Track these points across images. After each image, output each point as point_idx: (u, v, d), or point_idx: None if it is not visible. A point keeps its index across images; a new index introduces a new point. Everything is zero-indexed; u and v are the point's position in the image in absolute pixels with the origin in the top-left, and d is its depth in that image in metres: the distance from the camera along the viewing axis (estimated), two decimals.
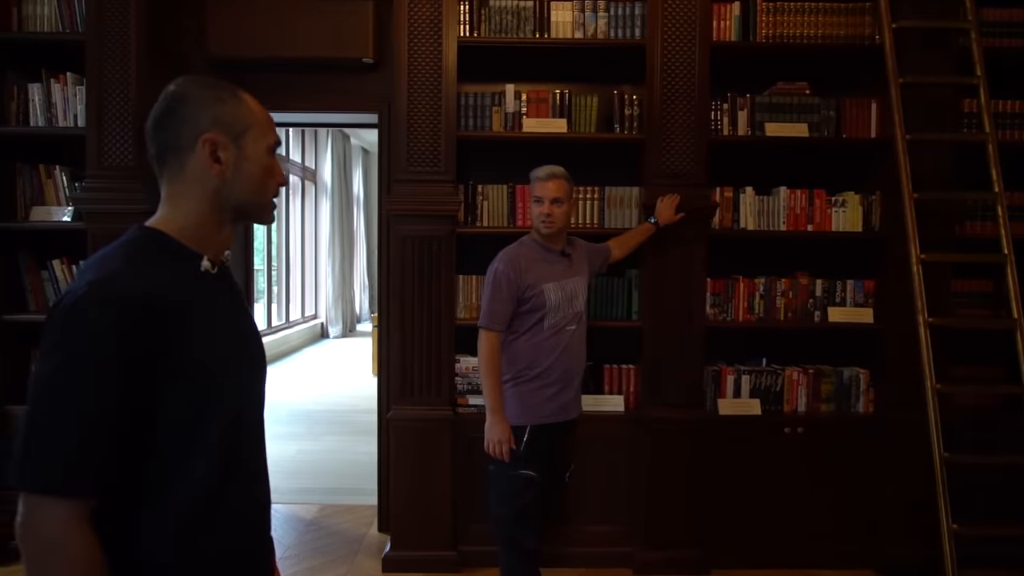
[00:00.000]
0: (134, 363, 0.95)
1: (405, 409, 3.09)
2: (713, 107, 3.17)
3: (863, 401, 3.23)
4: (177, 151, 1.07)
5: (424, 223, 3.05)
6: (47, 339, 0.95)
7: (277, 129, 1.20)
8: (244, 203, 1.12)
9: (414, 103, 3.05)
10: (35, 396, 0.93)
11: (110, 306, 0.94)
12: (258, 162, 1.11)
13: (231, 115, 1.09)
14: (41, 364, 0.94)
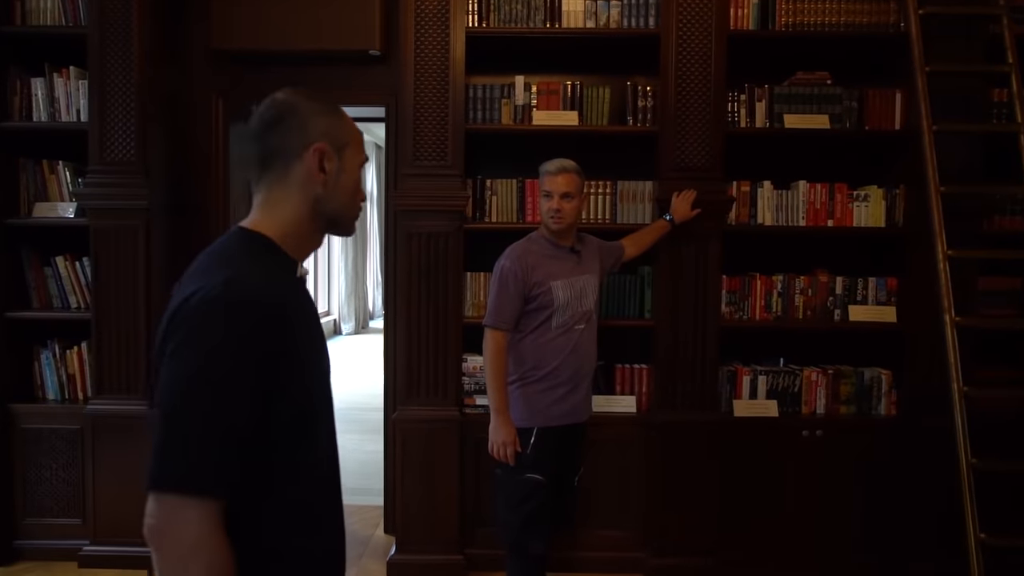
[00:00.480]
0: (262, 363, 0.96)
1: (411, 410, 3.01)
2: (730, 98, 3.06)
3: (885, 403, 3.12)
4: (286, 157, 1.10)
5: (431, 218, 2.97)
6: (180, 336, 0.95)
7: None
8: (337, 213, 1.15)
9: (421, 95, 2.97)
10: (174, 396, 0.93)
11: (247, 305, 0.96)
12: (353, 175, 1.15)
13: (337, 128, 1.13)
14: (177, 363, 0.94)
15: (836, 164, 3.20)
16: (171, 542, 0.91)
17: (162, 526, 0.91)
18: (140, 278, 3.03)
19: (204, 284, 0.96)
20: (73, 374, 3.20)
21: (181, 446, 0.91)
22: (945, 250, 2.60)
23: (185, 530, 0.90)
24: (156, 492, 0.91)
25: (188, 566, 0.90)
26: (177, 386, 0.93)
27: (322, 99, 1.15)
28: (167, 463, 0.91)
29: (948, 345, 2.54)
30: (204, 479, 0.91)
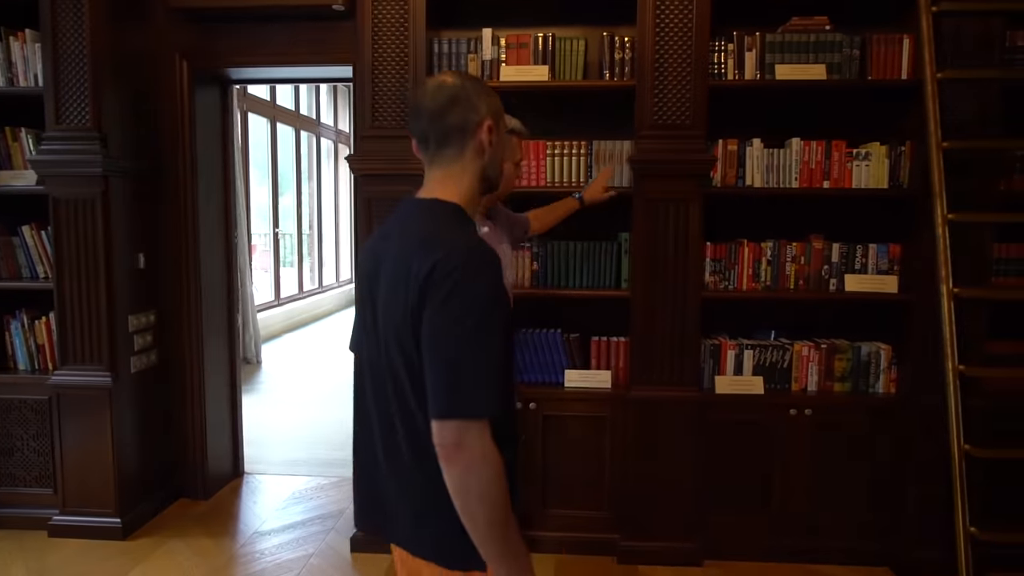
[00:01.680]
0: (505, 307, 1.16)
1: None
2: (716, 47, 2.80)
3: (883, 381, 2.87)
4: (462, 134, 1.25)
5: (392, 183, 2.81)
6: (445, 293, 1.11)
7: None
8: (495, 176, 1.32)
9: (380, 51, 2.79)
10: (453, 339, 1.11)
11: (492, 262, 1.15)
12: (503, 142, 1.32)
13: (496, 105, 1.29)
14: (450, 313, 1.11)
15: (834, 119, 2.92)
16: (467, 455, 1.10)
17: (457, 444, 1.10)
18: (100, 246, 2.96)
19: (449, 249, 1.14)
20: (42, 344, 3.17)
21: (469, 380, 1.10)
22: (945, 213, 2.33)
23: (477, 445, 1.10)
24: (451, 419, 1.10)
25: (482, 470, 1.10)
26: (456, 331, 1.11)
27: (478, 79, 1.31)
28: (458, 396, 1.10)
29: (944, 319, 2.29)
30: (488, 405, 1.11)
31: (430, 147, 1.26)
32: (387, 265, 1.21)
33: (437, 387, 1.11)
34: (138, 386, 3.18)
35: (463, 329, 1.11)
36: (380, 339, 1.23)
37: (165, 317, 3.36)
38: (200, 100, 3.36)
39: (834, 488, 2.83)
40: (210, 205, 3.47)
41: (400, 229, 1.23)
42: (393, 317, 1.18)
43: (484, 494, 1.11)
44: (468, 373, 1.11)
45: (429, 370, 1.12)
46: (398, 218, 1.27)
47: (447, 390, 1.10)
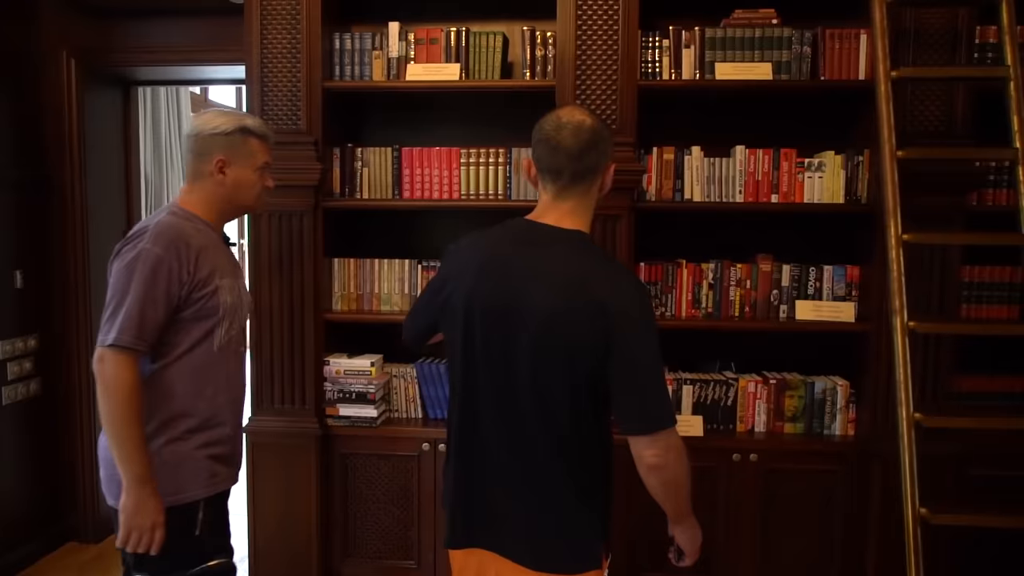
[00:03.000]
0: None
1: (264, 420, 2.56)
2: (649, 43, 2.48)
3: (840, 421, 2.52)
4: (595, 174, 1.41)
5: (281, 195, 2.48)
6: (639, 322, 1.31)
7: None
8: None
9: (270, 47, 2.48)
10: (651, 362, 1.32)
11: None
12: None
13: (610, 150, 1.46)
14: (645, 339, 1.31)
15: (783, 125, 2.60)
16: (674, 456, 1.33)
17: (669, 447, 1.32)
18: None
19: (625, 285, 1.35)
20: None
21: (664, 395, 1.33)
22: (899, 233, 2.00)
23: (680, 443, 1.34)
24: (662, 430, 1.31)
25: (686, 461, 1.36)
26: (650, 356, 1.31)
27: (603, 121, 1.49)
28: (661, 410, 1.32)
29: (898, 357, 1.95)
30: (673, 413, 1.34)
31: (562, 180, 1.40)
32: (536, 286, 1.33)
33: (643, 405, 1.31)
34: (16, 419, 2.86)
35: (654, 353, 1.31)
36: (520, 355, 1.34)
37: (50, 342, 3.03)
38: (95, 103, 3.05)
39: (782, 545, 2.48)
40: (107, 218, 3.15)
41: (545, 255, 1.36)
42: (561, 340, 1.31)
43: (688, 479, 1.40)
44: (662, 389, 1.33)
45: (631, 391, 1.31)
46: (522, 240, 1.40)
47: (656, 405, 1.31)
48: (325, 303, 2.59)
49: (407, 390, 2.67)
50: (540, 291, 1.32)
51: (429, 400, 2.66)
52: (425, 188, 2.59)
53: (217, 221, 1.77)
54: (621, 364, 1.29)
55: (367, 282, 2.64)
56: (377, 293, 2.64)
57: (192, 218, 1.70)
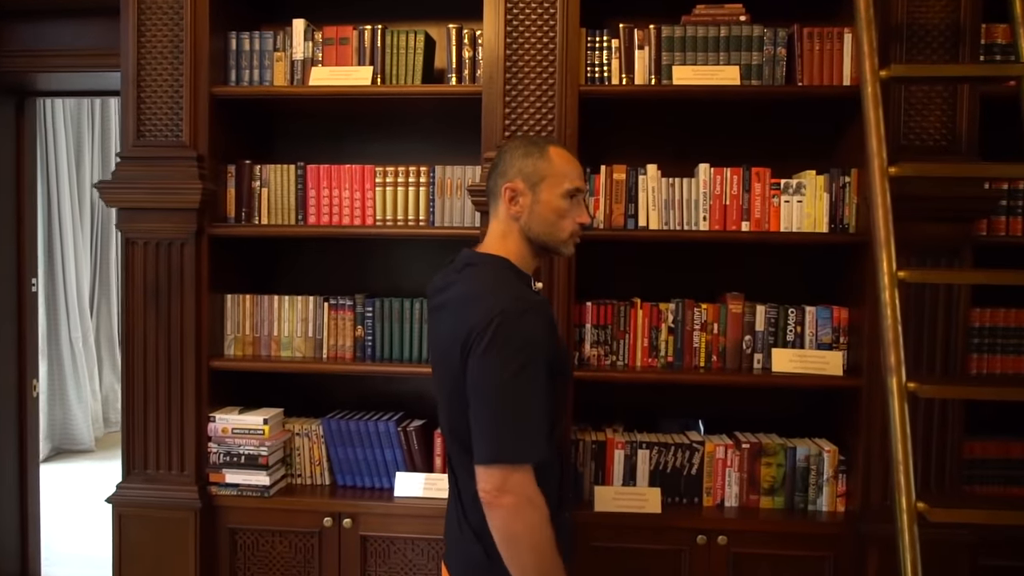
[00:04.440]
0: (546, 358, 1.27)
1: (133, 489, 2.14)
2: (596, 44, 2.11)
3: (828, 495, 2.09)
4: (495, 197, 1.43)
5: (158, 220, 2.10)
6: (485, 344, 1.21)
7: None
8: (539, 236, 1.40)
9: (148, 46, 2.11)
10: (499, 393, 1.21)
11: (531, 310, 1.27)
12: (550, 204, 1.38)
13: (534, 168, 1.39)
14: (494, 370, 1.21)
15: (755, 140, 2.22)
16: (511, 497, 1.20)
17: (500, 488, 1.20)
18: None
19: (493, 301, 1.27)
20: None
21: (517, 429, 1.23)
22: (893, 269, 1.58)
23: (521, 487, 1.21)
24: (495, 465, 1.21)
25: (525, 509, 1.20)
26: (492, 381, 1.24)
27: (529, 141, 1.43)
28: (501, 442, 1.22)
29: (894, 428, 1.52)
30: (530, 451, 1.23)
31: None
32: (444, 315, 1.35)
33: (480, 434, 1.22)
34: None
35: (500, 382, 1.21)
36: (440, 390, 1.36)
37: None
38: None
39: None
40: None
41: (455, 282, 1.36)
42: (450, 369, 1.28)
43: (533, 542, 1.20)
44: (518, 420, 1.21)
45: (473, 418, 1.24)
46: (454, 268, 1.40)
47: (490, 437, 1.21)
48: (215, 348, 2.18)
49: (312, 451, 2.25)
50: (442, 320, 1.36)
51: (338, 463, 2.23)
52: (334, 213, 2.20)
53: None
54: (468, 389, 1.25)
55: (265, 323, 2.23)
56: (276, 336, 2.23)
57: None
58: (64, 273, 4.95)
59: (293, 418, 2.29)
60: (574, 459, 2.10)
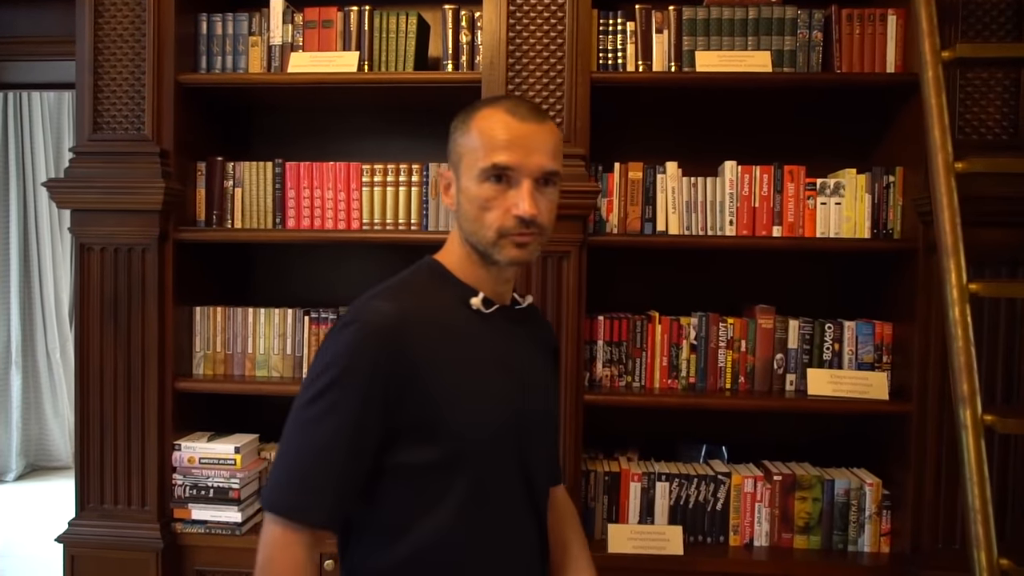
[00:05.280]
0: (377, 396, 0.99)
1: (87, 526, 1.89)
2: (610, 27, 1.88)
3: (870, 534, 1.85)
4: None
5: (116, 223, 1.86)
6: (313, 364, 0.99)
7: None
8: (472, 238, 1.05)
9: (106, 28, 1.88)
10: (289, 423, 0.98)
11: (358, 320, 1.00)
12: (469, 192, 1.03)
13: (460, 145, 1.06)
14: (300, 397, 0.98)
15: (787, 135, 1.99)
16: (260, 556, 0.96)
17: (265, 543, 0.97)
18: None
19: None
20: None
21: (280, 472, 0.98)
22: (964, 281, 1.35)
23: (267, 546, 0.96)
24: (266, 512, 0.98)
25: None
26: (291, 417, 0.99)
27: (470, 106, 1.08)
28: (268, 482, 0.99)
29: (969, 466, 1.29)
30: (290, 504, 0.97)
31: None
32: None
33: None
34: None
35: (294, 419, 0.97)
36: None
37: None
38: None
39: None
40: None
41: None
42: None
43: None
44: (282, 466, 0.97)
45: None
46: None
47: (268, 479, 0.99)
48: (181, 367, 1.95)
49: None
50: None
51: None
52: (315, 216, 1.97)
53: None
54: None
55: (239, 339, 2.00)
56: (251, 353, 1.99)
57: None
58: (41, 281, 4.71)
59: (270, 444, 2.05)
60: (584, 492, 1.86)
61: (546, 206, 1.03)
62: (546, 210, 1.03)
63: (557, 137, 1.06)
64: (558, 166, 1.05)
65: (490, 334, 1.06)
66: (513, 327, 1.11)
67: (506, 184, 1.00)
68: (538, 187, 1.02)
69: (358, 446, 0.95)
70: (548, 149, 1.02)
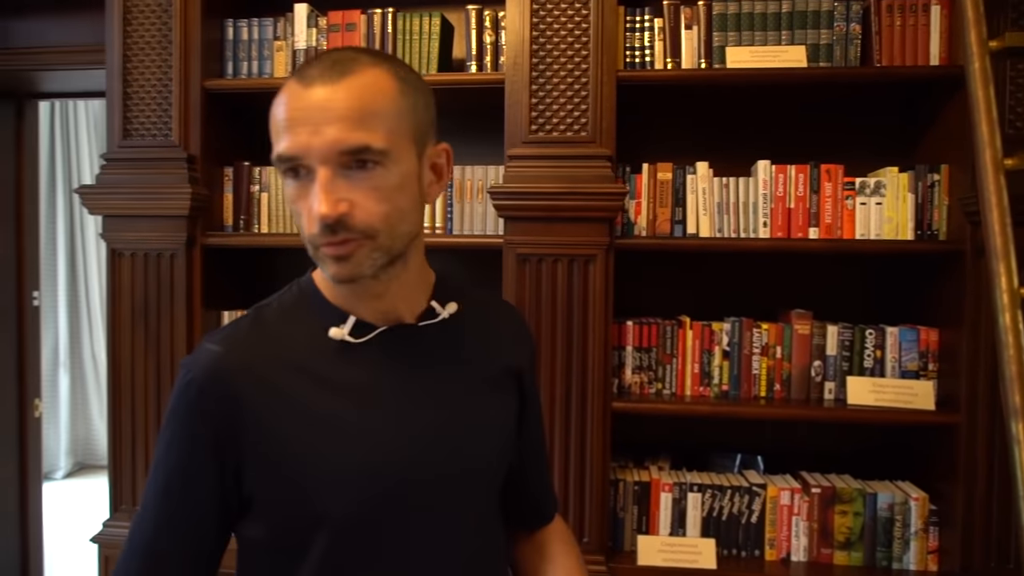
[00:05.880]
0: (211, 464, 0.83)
1: (121, 528, 1.91)
2: (637, 24, 1.83)
3: (917, 551, 1.76)
4: None
5: (146, 228, 1.88)
6: None
7: None
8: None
9: (135, 36, 1.90)
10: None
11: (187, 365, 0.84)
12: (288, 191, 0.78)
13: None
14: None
15: (824, 133, 1.91)
16: None
17: None
18: None
19: None
20: None
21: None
22: (1015, 286, 1.27)
23: None
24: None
25: None
26: None
27: None
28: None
29: (1021, 483, 1.21)
30: None
31: None
32: None
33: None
34: None
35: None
36: None
37: None
38: None
39: None
40: None
41: None
42: None
43: None
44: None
45: None
46: None
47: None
48: None
49: None
50: None
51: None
52: None
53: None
54: None
55: None
56: None
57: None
58: (87, 285, 4.85)
59: None
60: (613, 502, 1.81)
61: (365, 197, 0.73)
62: (366, 203, 0.73)
63: (368, 95, 0.74)
64: (372, 138, 0.73)
65: (366, 371, 0.80)
66: (414, 351, 0.84)
67: (307, 178, 0.74)
68: (344, 173, 0.73)
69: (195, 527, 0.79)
70: (348, 116, 0.72)
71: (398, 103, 0.76)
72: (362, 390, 0.80)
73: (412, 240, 0.82)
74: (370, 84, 0.74)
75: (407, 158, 0.77)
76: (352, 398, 0.79)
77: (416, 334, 0.85)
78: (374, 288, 0.81)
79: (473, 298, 0.93)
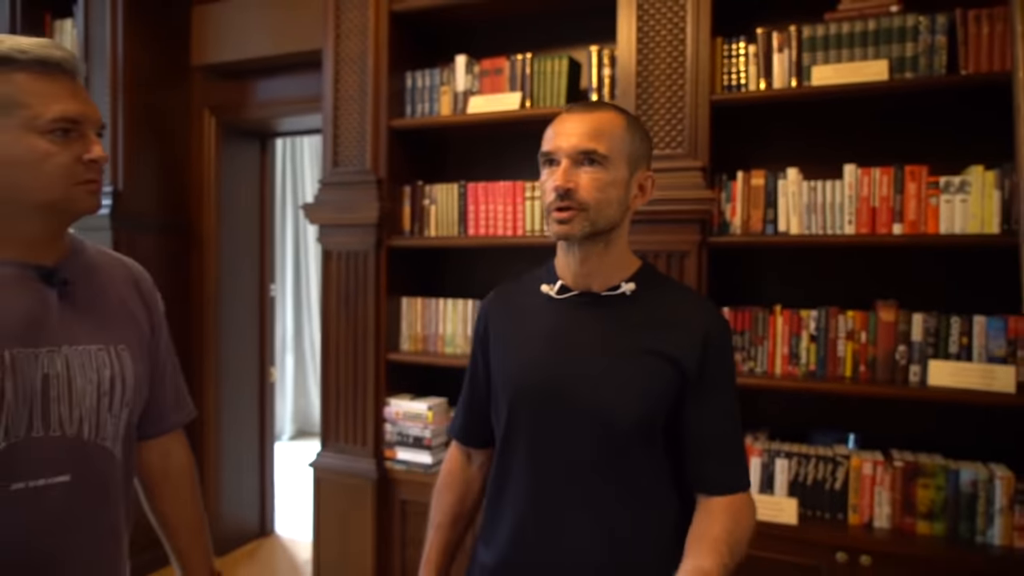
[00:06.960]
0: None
1: (328, 457, 2.57)
2: (732, 51, 2.13)
3: (1001, 527, 1.87)
4: None
5: (346, 234, 2.52)
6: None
7: None
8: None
9: (341, 91, 2.55)
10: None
11: None
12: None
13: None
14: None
15: (908, 137, 2.06)
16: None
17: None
18: None
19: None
20: None
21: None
22: None
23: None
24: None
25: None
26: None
27: None
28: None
29: None
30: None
31: None
32: None
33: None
34: None
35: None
36: None
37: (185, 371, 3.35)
38: (233, 154, 3.37)
39: None
40: (243, 260, 3.44)
41: None
42: None
43: None
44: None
45: None
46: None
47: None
48: (392, 343, 2.55)
49: None
50: None
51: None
52: (490, 225, 2.46)
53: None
54: None
55: (432, 323, 2.55)
56: (442, 334, 2.54)
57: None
58: (308, 283, 5.88)
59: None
60: None
61: (587, 182, 1.08)
62: (587, 185, 1.08)
63: (602, 123, 1.10)
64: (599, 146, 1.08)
65: (555, 316, 1.17)
66: (591, 313, 1.15)
67: (556, 167, 1.10)
68: (577, 166, 1.09)
69: (473, 382, 1.30)
70: (586, 132, 1.09)
71: (621, 133, 1.11)
72: (546, 327, 1.17)
73: (614, 228, 1.13)
74: (606, 118, 1.11)
75: (621, 169, 1.11)
76: (537, 330, 1.18)
77: (598, 301, 1.16)
78: (578, 256, 1.14)
79: (664, 288, 1.19)
